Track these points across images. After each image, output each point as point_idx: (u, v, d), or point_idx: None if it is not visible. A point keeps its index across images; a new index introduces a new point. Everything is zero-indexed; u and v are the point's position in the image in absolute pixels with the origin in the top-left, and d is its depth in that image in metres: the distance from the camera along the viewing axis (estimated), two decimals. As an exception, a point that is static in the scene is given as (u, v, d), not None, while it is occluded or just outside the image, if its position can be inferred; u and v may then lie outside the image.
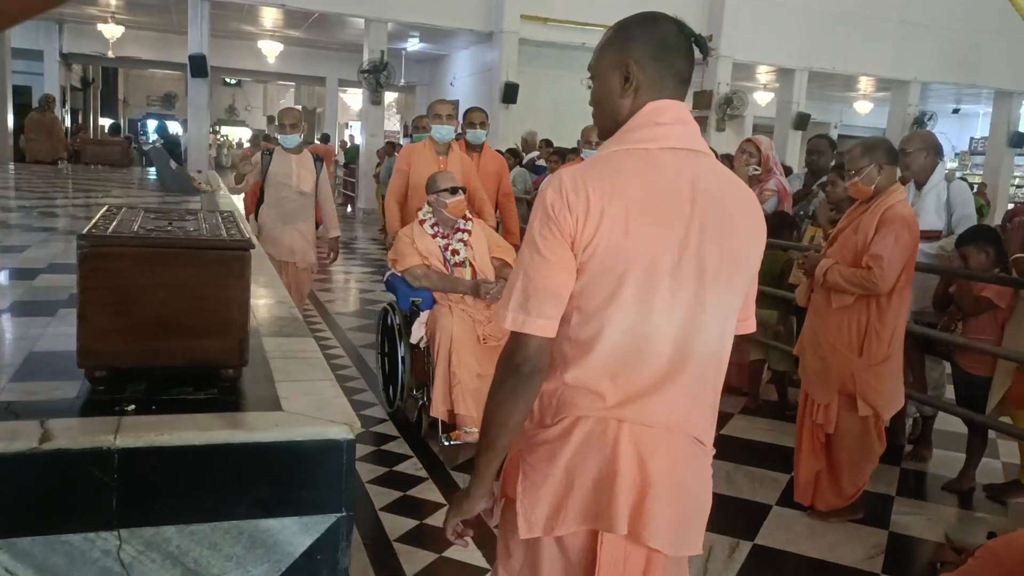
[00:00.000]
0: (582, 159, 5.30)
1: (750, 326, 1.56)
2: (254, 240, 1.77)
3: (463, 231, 4.28)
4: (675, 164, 1.37)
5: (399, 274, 4.22)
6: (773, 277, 4.84)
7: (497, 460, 1.44)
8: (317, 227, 5.25)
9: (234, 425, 1.52)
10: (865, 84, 16.84)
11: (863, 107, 17.97)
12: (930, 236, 4.18)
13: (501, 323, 1.36)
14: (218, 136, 20.19)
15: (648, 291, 1.34)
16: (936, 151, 4.29)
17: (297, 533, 1.53)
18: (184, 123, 13.67)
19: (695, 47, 1.44)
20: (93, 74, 18.89)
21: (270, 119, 22.50)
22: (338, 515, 1.55)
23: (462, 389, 3.76)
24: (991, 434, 4.14)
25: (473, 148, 5.34)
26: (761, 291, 4.47)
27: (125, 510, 1.43)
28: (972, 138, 20.19)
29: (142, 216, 1.93)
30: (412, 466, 3.84)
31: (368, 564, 3.00)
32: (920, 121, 15.18)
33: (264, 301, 2.65)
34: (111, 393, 1.64)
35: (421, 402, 4.19)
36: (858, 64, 14.39)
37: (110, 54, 13.82)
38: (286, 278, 4.76)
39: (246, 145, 14.72)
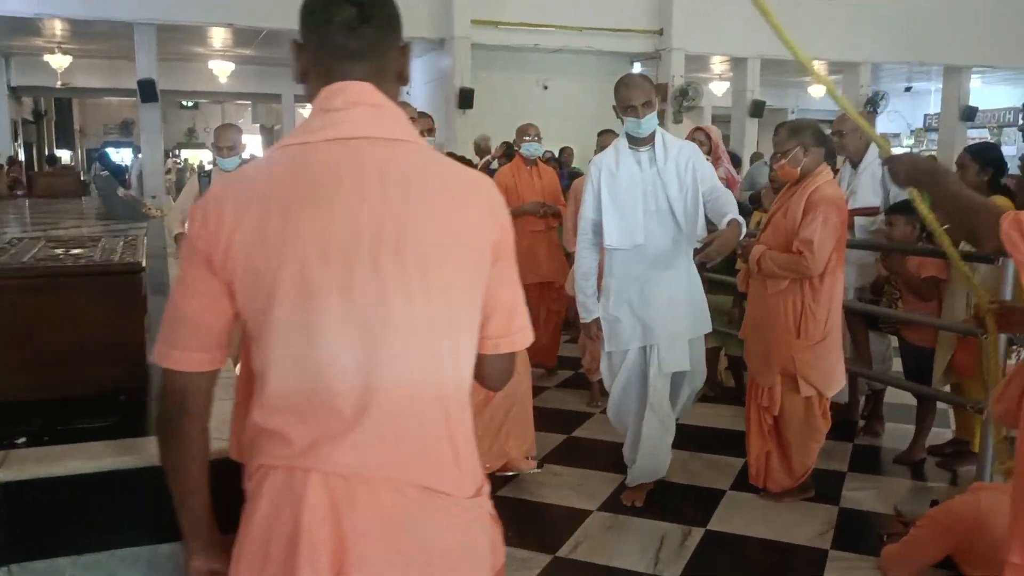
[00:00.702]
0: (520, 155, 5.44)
1: (516, 343, 1.28)
2: (143, 263, 1.75)
3: None
4: (342, 157, 1.13)
5: None
6: (725, 263, 4.88)
7: (189, 511, 1.26)
8: None
9: (124, 451, 1.50)
10: (818, 68, 17.03)
11: (817, 91, 18.17)
12: (867, 212, 4.25)
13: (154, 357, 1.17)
14: (177, 160, 20.01)
15: (308, 311, 1.10)
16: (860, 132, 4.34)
17: (197, 555, 1.52)
18: (138, 149, 13.53)
19: (363, 10, 1.16)
20: (45, 106, 18.68)
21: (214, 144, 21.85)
22: (239, 534, 1.54)
23: None
24: (941, 404, 4.20)
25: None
26: (710, 278, 4.57)
27: (14, 544, 1.41)
28: (926, 115, 20.45)
29: (40, 246, 1.91)
30: None
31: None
32: (873, 101, 15.33)
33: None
34: (5, 428, 1.62)
35: None
36: (810, 49, 14.33)
37: (59, 84, 13.68)
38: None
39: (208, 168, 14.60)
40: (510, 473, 3.66)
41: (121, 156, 19.95)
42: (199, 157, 23.18)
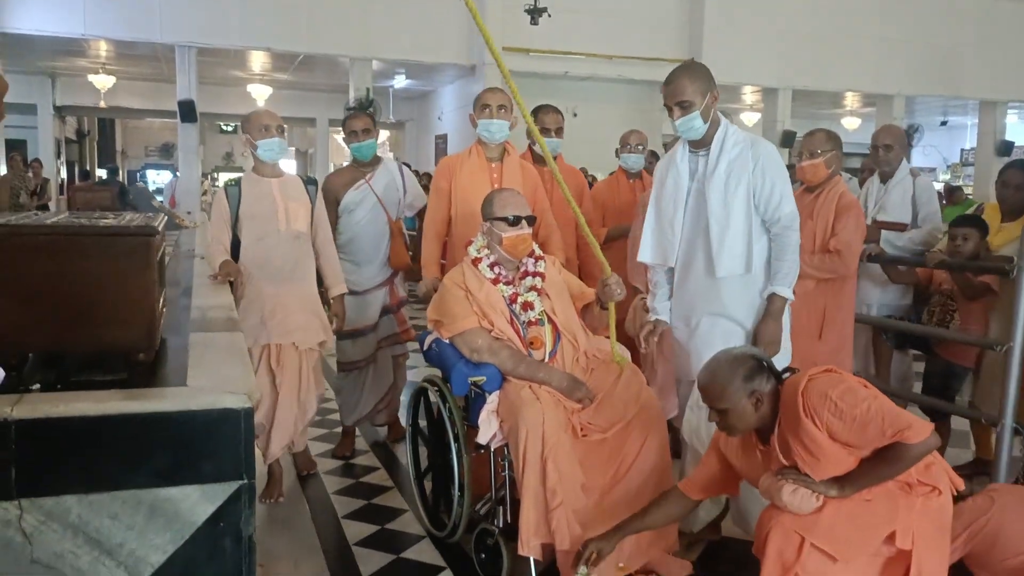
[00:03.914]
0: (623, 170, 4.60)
1: None
2: (158, 228, 1.83)
3: (534, 274, 3.11)
4: None
5: (447, 341, 3.05)
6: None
7: None
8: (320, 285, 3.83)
9: (131, 398, 1.57)
10: (851, 100, 16.99)
11: (851, 123, 18.09)
12: (896, 227, 4.25)
13: None
14: (214, 183, 20.44)
15: None
16: (905, 147, 4.43)
17: (198, 502, 1.57)
18: (176, 170, 13.86)
19: None
20: (88, 126, 19.21)
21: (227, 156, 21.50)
22: (239, 483, 1.60)
23: (565, 512, 2.63)
24: (964, 425, 4.17)
25: (543, 161, 3.97)
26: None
27: (24, 480, 1.48)
28: (962, 149, 20.27)
29: (64, 215, 2.00)
30: None
31: None
32: (907, 134, 15.30)
33: (202, 302, 2.71)
34: (21, 378, 1.69)
35: (489, 528, 2.95)
36: (840, 81, 14.52)
37: (102, 104, 14.08)
38: (278, 368, 3.53)
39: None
40: None
41: (160, 177, 20.42)
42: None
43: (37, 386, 1.63)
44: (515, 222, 3.03)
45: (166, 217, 2.12)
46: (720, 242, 2.89)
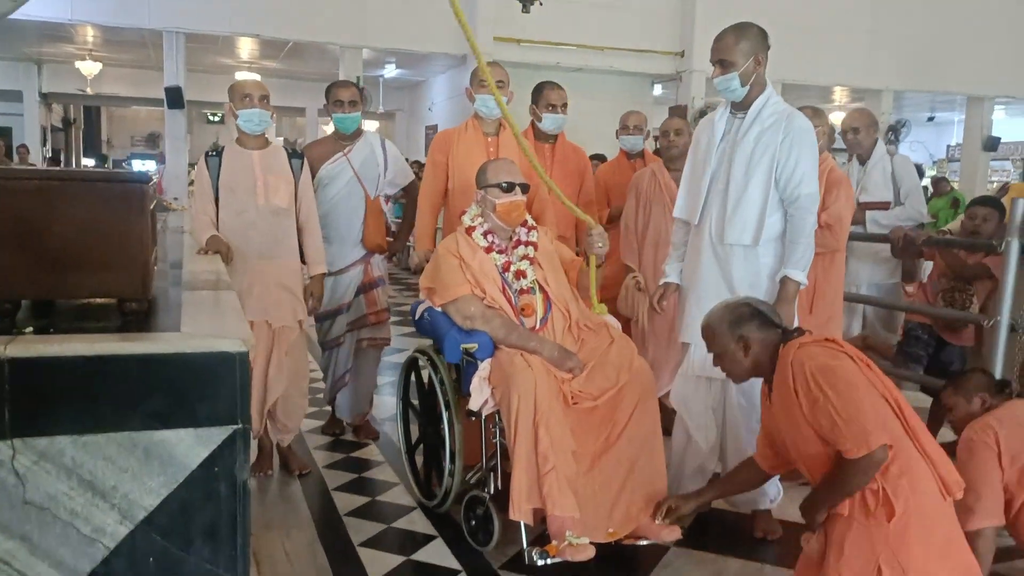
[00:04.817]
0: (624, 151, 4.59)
1: None
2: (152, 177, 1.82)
3: (527, 243, 3.13)
4: None
5: (439, 309, 3.07)
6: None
7: None
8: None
9: (125, 339, 1.56)
10: (840, 95, 17.07)
11: (839, 117, 18.18)
12: (878, 207, 4.29)
13: None
14: (202, 172, 20.37)
15: None
16: (877, 127, 4.47)
17: (193, 445, 1.57)
18: (163, 160, 13.76)
19: None
20: (75, 114, 19.05)
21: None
22: (234, 427, 1.59)
23: (557, 477, 2.63)
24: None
25: (545, 138, 4.13)
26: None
27: (17, 420, 1.46)
28: (949, 145, 20.42)
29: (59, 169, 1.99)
30: None
31: None
32: (894, 129, 15.37)
33: (193, 267, 2.70)
34: (14, 322, 1.68)
35: (481, 495, 2.95)
36: (830, 75, 14.59)
37: (88, 91, 13.96)
38: (254, 348, 3.57)
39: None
40: (641, 542, 2.79)
41: (146, 167, 20.27)
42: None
43: (30, 330, 1.61)
44: (509, 188, 3.05)
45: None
46: (734, 208, 2.89)
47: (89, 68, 12.96)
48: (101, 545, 1.54)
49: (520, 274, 3.05)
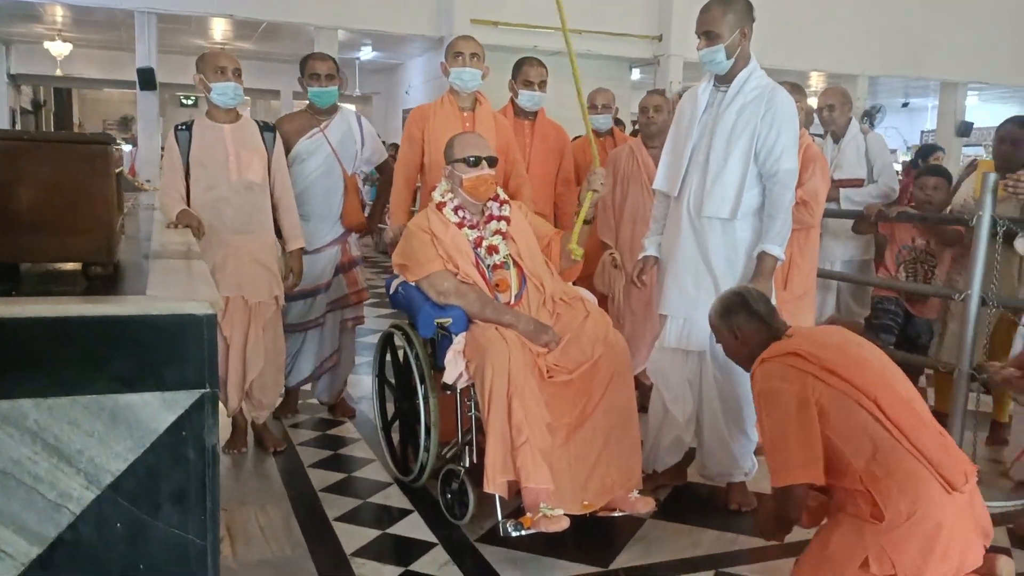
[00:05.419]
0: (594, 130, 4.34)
1: None
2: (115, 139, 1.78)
3: (499, 218, 3.10)
4: None
5: (413, 284, 3.06)
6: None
7: None
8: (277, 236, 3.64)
9: (89, 301, 1.53)
10: (816, 80, 17.16)
11: (815, 102, 18.28)
12: (852, 184, 4.32)
13: None
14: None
15: None
16: (852, 105, 4.51)
17: (160, 409, 1.54)
18: (135, 140, 13.54)
19: None
20: (45, 96, 18.72)
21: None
22: (201, 391, 1.56)
23: (531, 449, 2.62)
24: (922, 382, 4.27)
25: (524, 115, 4.09)
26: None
27: (-22, 383, 1.43)
28: (923, 131, 20.60)
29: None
30: (436, 562, 2.73)
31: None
32: (869, 114, 15.50)
33: (163, 239, 2.66)
34: (-25, 287, 1.65)
35: (456, 468, 2.94)
36: (807, 60, 14.64)
37: (59, 72, 13.72)
38: (224, 321, 3.35)
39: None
40: (616, 514, 2.81)
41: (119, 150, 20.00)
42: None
43: (-9, 293, 1.58)
44: (476, 163, 3.02)
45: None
46: (714, 181, 2.89)
47: (59, 49, 12.74)
48: (67, 510, 1.51)
49: (492, 249, 3.04)
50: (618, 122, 6.31)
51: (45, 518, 1.50)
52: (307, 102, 3.90)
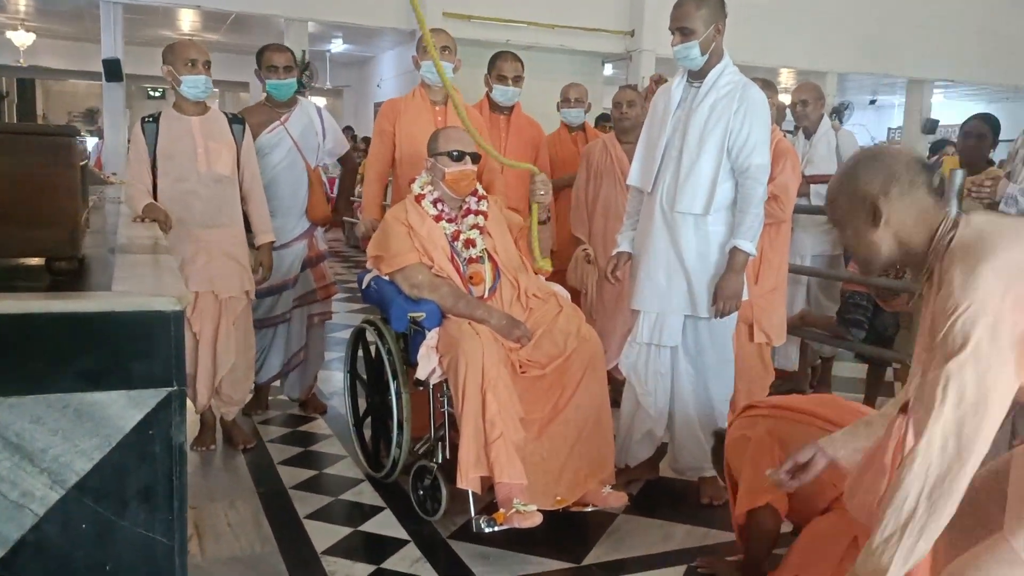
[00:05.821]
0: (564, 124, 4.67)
1: None
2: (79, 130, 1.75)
3: (476, 212, 3.12)
4: None
5: (387, 278, 3.06)
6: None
7: None
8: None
9: (54, 298, 1.50)
10: (786, 77, 17.32)
11: (785, 99, 18.44)
12: (823, 180, 4.36)
13: None
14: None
15: None
16: (824, 102, 4.56)
17: (126, 407, 1.51)
18: (101, 133, 13.32)
19: None
20: (7, 87, 18.35)
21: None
22: (169, 389, 1.53)
23: (504, 444, 2.61)
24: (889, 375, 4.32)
25: (499, 110, 4.10)
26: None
27: (-63, 380, 1.39)
28: (890, 128, 20.88)
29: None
30: (408, 559, 2.71)
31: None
32: (838, 111, 15.67)
33: (129, 232, 2.62)
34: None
35: (429, 464, 2.93)
36: (777, 57, 14.79)
37: (22, 62, 13.45)
38: (193, 316, 3.33)
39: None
40: (588, 508, 2.80)
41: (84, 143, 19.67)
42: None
43: (-49, 288, 1.54)
44: (459, 158, 3.03)
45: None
46: (686, 176, 2.90)
47: (22, 39, 12.49)
48: (29, 511, 1.47)
49: (469, 243, 3.04)
50: (605, 117, 6.34)
51: (6, 518, 1.46)
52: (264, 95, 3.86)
